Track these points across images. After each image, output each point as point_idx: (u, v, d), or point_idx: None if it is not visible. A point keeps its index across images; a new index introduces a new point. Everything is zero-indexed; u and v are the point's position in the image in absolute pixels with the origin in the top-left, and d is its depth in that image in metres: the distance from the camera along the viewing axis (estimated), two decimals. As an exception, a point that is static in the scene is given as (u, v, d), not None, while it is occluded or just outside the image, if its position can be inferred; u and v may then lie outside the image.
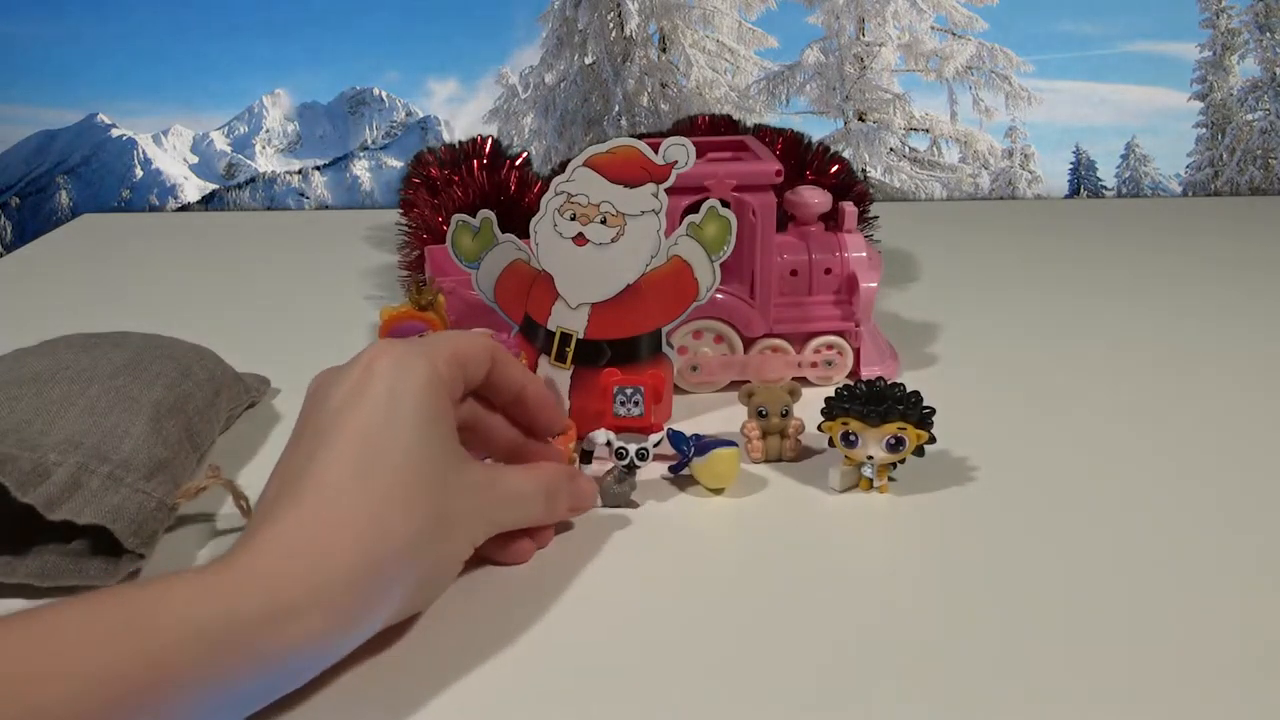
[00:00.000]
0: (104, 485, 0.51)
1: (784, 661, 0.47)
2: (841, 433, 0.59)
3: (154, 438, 0.56)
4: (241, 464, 0.65)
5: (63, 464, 0.51)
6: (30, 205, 1.39)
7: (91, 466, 0.51)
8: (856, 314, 0.74)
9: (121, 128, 1.35)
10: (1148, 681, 0.45)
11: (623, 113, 1.32)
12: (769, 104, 1.33)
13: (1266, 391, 0.74)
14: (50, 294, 1.00)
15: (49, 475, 0.50)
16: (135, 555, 0.51)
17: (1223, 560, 0.54)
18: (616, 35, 1.31)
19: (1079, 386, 0.76)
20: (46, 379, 0.58)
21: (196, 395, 0.63)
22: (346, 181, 1.38)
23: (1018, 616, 0.50)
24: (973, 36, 1.30)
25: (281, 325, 0.90)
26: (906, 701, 0.44)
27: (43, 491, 0.49)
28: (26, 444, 0.52)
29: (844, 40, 1.30)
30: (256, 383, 0.73)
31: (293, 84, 1.35)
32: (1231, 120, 1.32)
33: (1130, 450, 0.66)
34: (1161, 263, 1.03)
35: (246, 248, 1.15)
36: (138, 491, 0.52)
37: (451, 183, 0.86)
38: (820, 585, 0.52)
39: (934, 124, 1.33)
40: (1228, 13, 1.29)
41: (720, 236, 0.65)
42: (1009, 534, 0.57)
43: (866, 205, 0.92)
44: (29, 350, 0.65)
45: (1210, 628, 0.49)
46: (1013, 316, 0.90)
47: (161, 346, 0.66)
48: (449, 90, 1.34)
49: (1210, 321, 0.88)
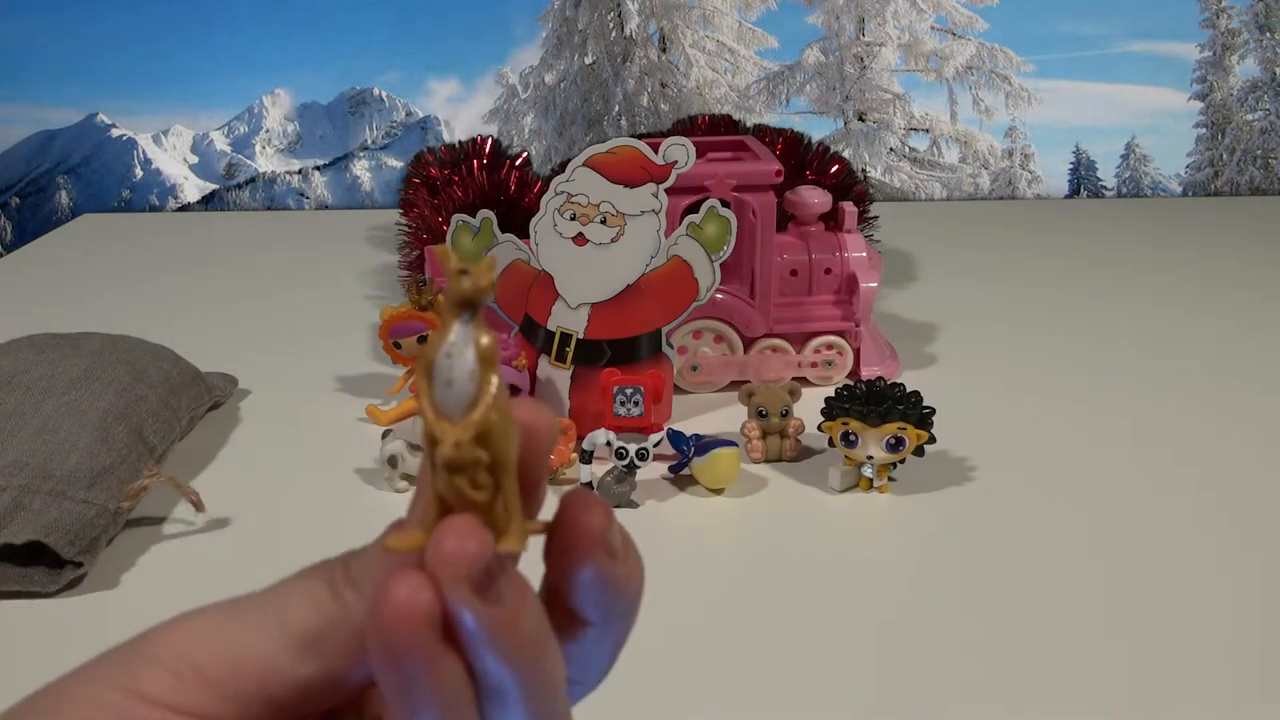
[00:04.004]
0: (46, 503, 0.53)
1: (784, 661, 0.47)
2: (841, 433, 0.59)
3: (99, 446, 0.58)
4: (202, 465, 0.66)
5: (7, 488, 0.53)
6: (30, 205, 1.39)
7: (34, 486, 0.54)
8: (856, 314, 0.74)
9: (121, 128, 1.35)
10: (1147, 680, 0.45)
11: (623, 113, 1.32)
12: (769, 104, 1.33)
13: (1266, 391, 0.74)
14: (50, 294, 1.00)
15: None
16: (75, 564, 0.53)
17: (1223, 558, 0.54)
18: (616, 35, 1.31)
19: (1079, 386, 0.76)
20: (3, 383, 0.62)
21: (149, 398, 0.64)
22: (346, 181, 1.38)
23: (1018, 616, 0.50)
24: (973, 36, 1.30)
25: (281, 325, 0.90)
26: (907, 700, 0.44)
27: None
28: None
29: (844, 40, 1.30)
30: (221, 381, 0.74)
31: (293, 84, 1.35)
32: (1231, 120, 1.32)
33: (1130, 449, 0.66)
34: (1161, 263, 1.03)
35: (246, 248, 1.15)
36: (79, 502, 0.54)
37: (451, 183, 0.86)
38: (820, 585, 0.52)
39: (934, 124, 1.33)
40: (1228, 13, 1.29)
41: (720, 236, 0.65)
42: (1009, 533, 0.57)
43: (866, 205, 0.92)
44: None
45: (1210, 628, 0.49)
46: (1012, 316, 0.90)
47: (119, 350, 0.67)
48: (449, 90, 1.34)
49: (1210, 321, 0.88)
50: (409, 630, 0.20)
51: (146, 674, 0.22)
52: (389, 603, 0.20)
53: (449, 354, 0.20)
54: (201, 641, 0.22)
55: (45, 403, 0.60)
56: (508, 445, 0.21)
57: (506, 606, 0.21)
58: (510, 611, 0.21)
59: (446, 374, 0.20)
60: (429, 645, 0.20)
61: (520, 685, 0.21)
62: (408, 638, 0.20)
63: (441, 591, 0.20)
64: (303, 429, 0.71)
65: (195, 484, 0.60)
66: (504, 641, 0.21)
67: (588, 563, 0.22)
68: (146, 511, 0.59)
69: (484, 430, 0.20)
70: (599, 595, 0.23)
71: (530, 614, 0.21)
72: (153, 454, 0.62)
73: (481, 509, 0.21)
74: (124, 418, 0.61)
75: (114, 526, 0.56)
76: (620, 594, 0.23)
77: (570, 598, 0.23)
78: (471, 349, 0.20)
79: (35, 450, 0.56)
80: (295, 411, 0.73)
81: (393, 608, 0.20)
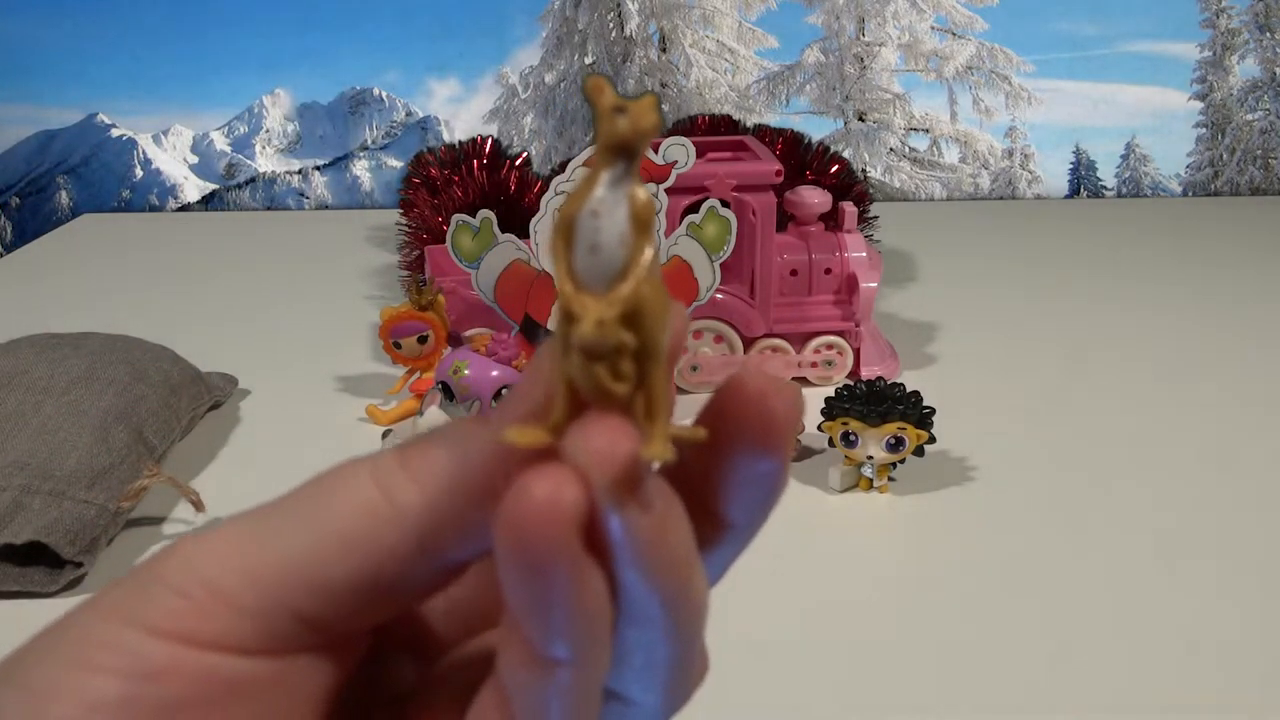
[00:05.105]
0: (45, 503, 0.53)
1: (782, 661, 0.46)
2: (841, 433, 0.59)
3: (99, 446, 0.58)
4: (202, 465, 0.66)
5: (7, 488, 0.53)
6: (30, 205, 1.39)
7: (34, 486, 0.54)
8: (856, 314, 0.74)
9: (121, 128, 1.35)
10: (1148, 680, 0.45)
11: (623, 113, 1.32)
12: (769, 104, 1.33)
13: (1266, 391, 0.74)
14: (50, 294, 1.00)
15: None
16: (75, 564, 0.53)
17: (1224, 559, 0.54)
18: (616, 35, 1.31)
19: (1078, 386, 0.76)
20: (3, 383, 0.62)
21: (150, 398, 0.64)
22: (346, 181, 1.38)
23: (1018, 616, 0.50)
24: (973, 36, 1.30)
25: (282, 325, 0.90)
26: (906, 700, 0.44)
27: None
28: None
29: (844, 40, 1.30)
30: (221, 381, 0.74)
31: (293, 84, 1.35)
32: (1231, 120, 1.32)
33: (1130, 449, 0.66)
34: (1161, 263, 1.03)
35: (246, 248, 1.15)
36: (79, 503, 0.54)
37: (451, 183, 0.86)
38: (820, 585, 0.52)
39: (934, 124, 1.33)
40: (1228, 13, 1.29)
41: (720, 236, 0.65)
42: (1009, 533, 0.57)
43: (866, 205, 0.92)
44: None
45: (1211, 628, 0.49)
46: (1012, 317, 0.90)
47: (119, 350, 0.67)
48: (449, 90, 1.34)
49: (1210, 321, 0.88)
50: (554, 534, 0.17)
51: (154, 601, 0.19)
52: (529, 501, 0.16)
53: (595, 212, 0.17)
54: (214, 554, 0.19)
55: (45, 403, 0.60)
56: (659, 329, 0.17)
57: (656, 514, 0.17)
58: (661, 519, 0.18)
59: (591, 236, 0.17)
60: (575, 553, 0.17)
61: (666, 607, 0.19)
62: (552, 542, 0.17)
63: (587, 493, 0.17)
64: (303, 429, 0.71)
65: (195, 484, 0.60)
66: (655, 554, 0.18)
67: (766, 457, 0.19)
68: (146, 511, 0.59)
69: (633, 308, 0.17)
70: (762, 494, 0.20)
71: (681, 525, 0.18)
72: (153, 454, 0.62)
73: (620, 404, 0.17)
74: (124, 418, 0.61)
75: (114, 526, 0.56)
76: (781, 487, 0.20)
77: (720, 497, 0.20)
78: (624, 207, 0.17)
79: (35, 450, 0.56)
80: (295, 411, 0.73)
81: (534, 506, 0.16)
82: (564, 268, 0.17)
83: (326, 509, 0.19)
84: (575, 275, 0.17)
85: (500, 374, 0.63)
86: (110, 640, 0.18)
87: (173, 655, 0.18)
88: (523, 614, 0.18)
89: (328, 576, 0.19)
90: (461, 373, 0.62)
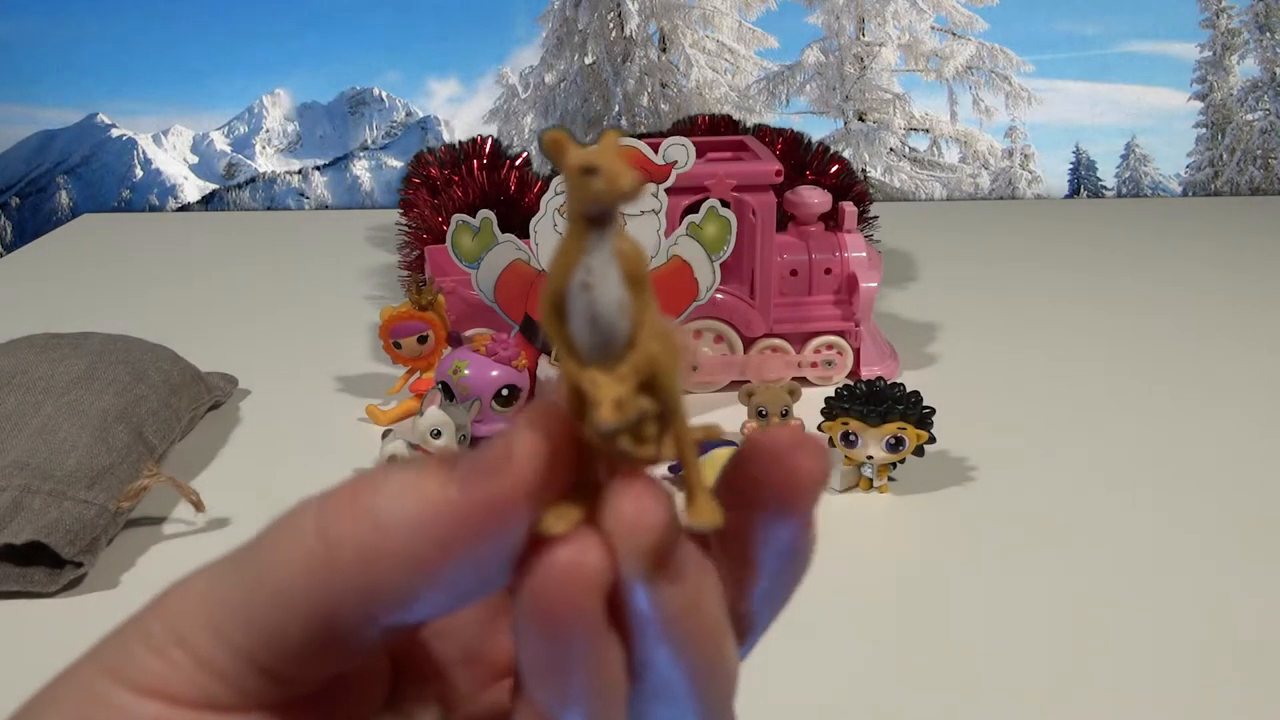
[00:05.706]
0: (46, 503, 0.53)
1: (782, 661, 0.46)
2: (841, 433, 0.59)
3: (99, 446, 0.58)
4: (202, 465, 0.66)
5: (7, 488, 0.53)
6: (30, 205, 1.39)
7: (34, 486, 0.54)
8: (856, 314, 0.74)
9: (121, 128, 1.35)
10: (1148, 680, 0.45)
11: (623, 113, 1.32)
12: (769, 104, 1.33)
13: (1265, 390, 0.74)
14: (50, 294, 1.00)
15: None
16: (75, 564, 0.53)
17: (1226, 558, 0.54)
18: (616, 35, 1.31)
19: (1078, 386, 0.76)
20: (3, 383, 0.62)
21: (150, 398, 0.64)
22: (346, 181, 1.38)
23: (1018, 616, 0.50)
24: (973, 36, 1.30)
25: (281, 325, 0.90)
26: (906, 700, 0.44)
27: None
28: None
29: (844, 40, 1.30)
30: (221, 381, 0.74)
31: (293, 84, 1.35)
32: (1231, 120, 1.32)
33: (1130, 449, 0.66)
34: (1161, 263, 1.03)
35: (246, 248, 1.15)
36: (79, 503, 0.54)
37: (451, 183, 0.86)
38: (819, 585, 0.52)
39: (934, 124, 1.33)
40: (1228, 13, 1.29)
41: (720, 236, 0.65)
42: (1009, 533, 0.57)
43: (866, 205, 0.92)
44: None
45: (1212, 628, 0.49)
46: (1012, 317, 0.90)
47: (118, 350, 0.67)
48: (449, 90, 1.34)
49: (1210, 321, 0.88)
50: (575, 598, 0.16)
51: (136, 661, 0.18)
52: (553, 563, 0.16)
53: (586, 284, 0.15)
54: (188, 609, 0.18)
55: (45, 403, 0.60)
56: (677, 385, 0.16)
57: (688, 585, 0.17)
58: (692, 590, 0.17)
59: (587, 309, 0.16)
60: (596, 618, 0.16)
61: (693, 681, 0.17)
62: (574, 606, 0.16)
63: (613, 560, 0.16)
64: (303, 429, 0.71)
65: (195, 484, 0.60)
66: (683, 627, 0.17)
67: (795, 515, 0.18)
68: (146, 511, 0.59)
69: (648, 374, 0.15)
70: (792, 550, 0.19)
71: (714, 595, 0.17)
72: (153, 454, 0.62)
73: (647, 462, 0.16)
74: (124, 418, 0.61)
75: (114, 526, 0.56)
76: (813, 541, 0.19)
77: (752, 547, 0.19)
78: (614, 270, 0.15)
79: (35, 450, 0.56)
80: (295, 411, 0.73)
81: (558, 569, 0.16)
82: (564, 345, 0.16)
83: (269, 561, 0.18)
84: (576, 351, 0.16)
85: (500, 374, 0.63)
86: (107, 698, 0.18)
87: (159, 715, 0.18)
88: (537, 679, 0.17)
89: (283, 630, 0.18)
90: (461, 373, 0.62)
